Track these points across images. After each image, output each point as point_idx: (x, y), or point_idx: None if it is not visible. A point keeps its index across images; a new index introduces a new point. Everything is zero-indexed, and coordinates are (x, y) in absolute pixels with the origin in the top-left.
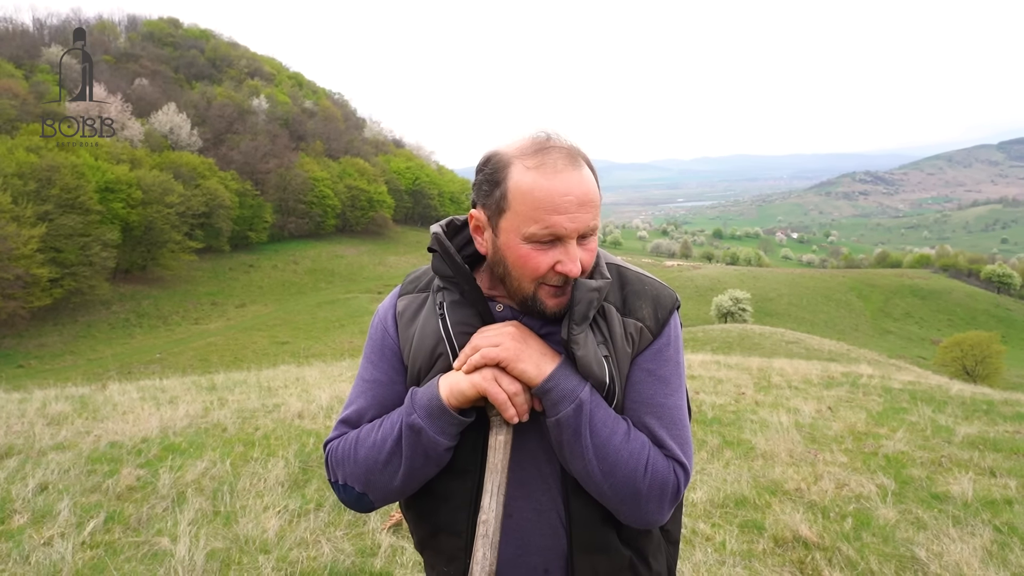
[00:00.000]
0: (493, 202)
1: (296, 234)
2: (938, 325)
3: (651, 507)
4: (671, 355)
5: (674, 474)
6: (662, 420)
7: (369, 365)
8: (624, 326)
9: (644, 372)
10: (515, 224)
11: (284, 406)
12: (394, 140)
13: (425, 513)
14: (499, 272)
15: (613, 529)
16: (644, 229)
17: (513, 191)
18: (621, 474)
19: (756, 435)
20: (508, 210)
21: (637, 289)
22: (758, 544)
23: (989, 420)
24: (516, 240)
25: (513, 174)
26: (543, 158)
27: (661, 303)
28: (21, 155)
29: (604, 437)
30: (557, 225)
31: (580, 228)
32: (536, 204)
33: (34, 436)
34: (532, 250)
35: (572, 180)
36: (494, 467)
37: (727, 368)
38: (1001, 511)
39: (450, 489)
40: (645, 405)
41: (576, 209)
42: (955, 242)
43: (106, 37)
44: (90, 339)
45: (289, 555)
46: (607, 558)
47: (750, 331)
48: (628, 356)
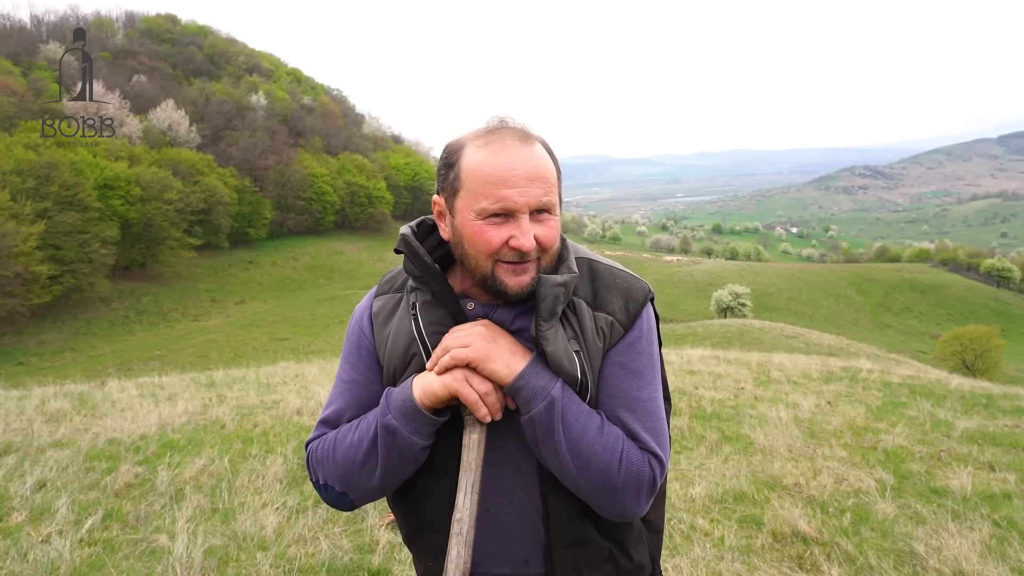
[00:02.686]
0: (449, 184)
1: (295, 231)
2: (937, 319)
3: (628, 500)
4: (643, 348)
5: (649, 466)
6: (636, 413)
7: (347, 366)
8: (595, 320)
9: (616, 366)
10: (468, 201)
11: (283, 403)
12: (393, 136)
13: (409, 510)
14: (459, 254)
15: (591, 522)
16: (643, 224)
17: (465, 170)
18: (596, 468)
19: (755, 430)
20: (462, 189)
21: (608, 283)
22: (757, 539)
23: (988, 414)
24: (470, 217)
25: (465, 155)
26: (492, 137)
27: (632, 296)
28: (20, 152)
29: (577, 432)
30: (506, 198)
31: (530, 202)
32: (485, 179)
33: (32, 433)
34: (485, 225)
35: (520, 155)
36: (468, 465)
37: (726, 363)
38: (1000, 505)
39: (431, 487)
40: (618, 399)
41: (525, 183)
42: (954, 236)
43: (104, 34)
44: (90, 336)
45: (287, 552)
46: (586, 550)
47: (749, 326)
48: (600, 350)
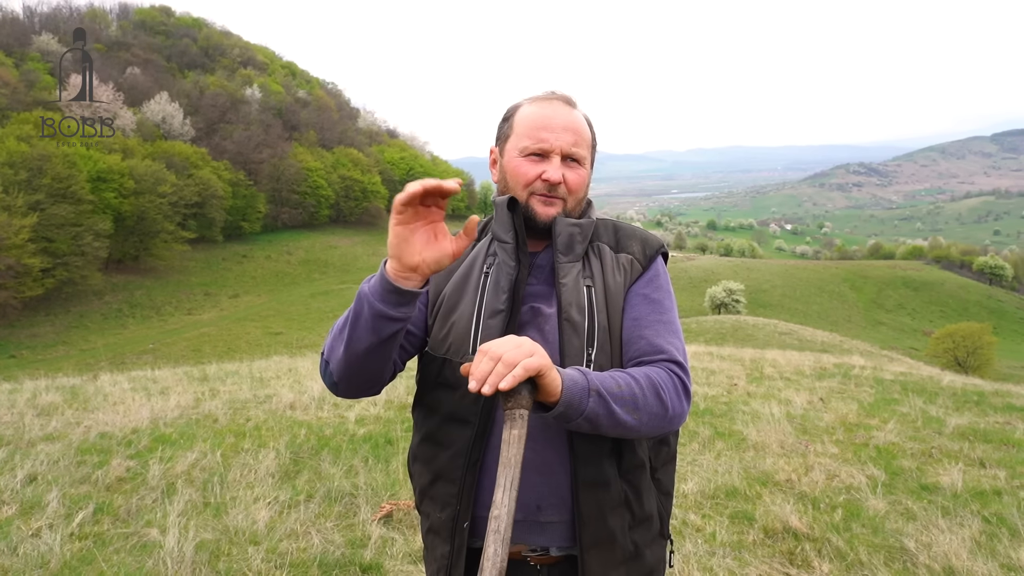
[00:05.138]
0: (503, 133)
1: (289, 224)
2: (930, 316)
3: (678, 411)
4: (661, 283)
5: (675, 375)
6: (657, 330)
7: None
8: (616, 260)
9: (639, 297)
10: (515, 143)
11: (276, 397)
12: (388, 130)
13: (428, 460)
14: (502, 189)
15: (614, 463)
16: (638, 220)
17: (517, 119)
18: (649, 412)
19: (748, 426)
20: (512, 134)
21: (628, 232)
22: (748, 535)
23: (980, 411)
24: (514, 155)
25: (519, 111)
26: (543, 99)
27: (649, 243)
28: (12, 144)
29: (625, 399)
30: (544, 140)
31: (563, 146)
32: (531, 123)
33: (24, 427)
34: (525, 161)
35: (561, 111)
36: (507, 461)
37: (720, 359)
38: (990, 502)
39: (451, 437)
40: (642, 321)
41: (560, 131)
42: (948, 234)
43: (97, 25)
44: (82, 329)
45: (279, 546)
46: (607, 492)
47: (743, 322)
48: (621, 285)
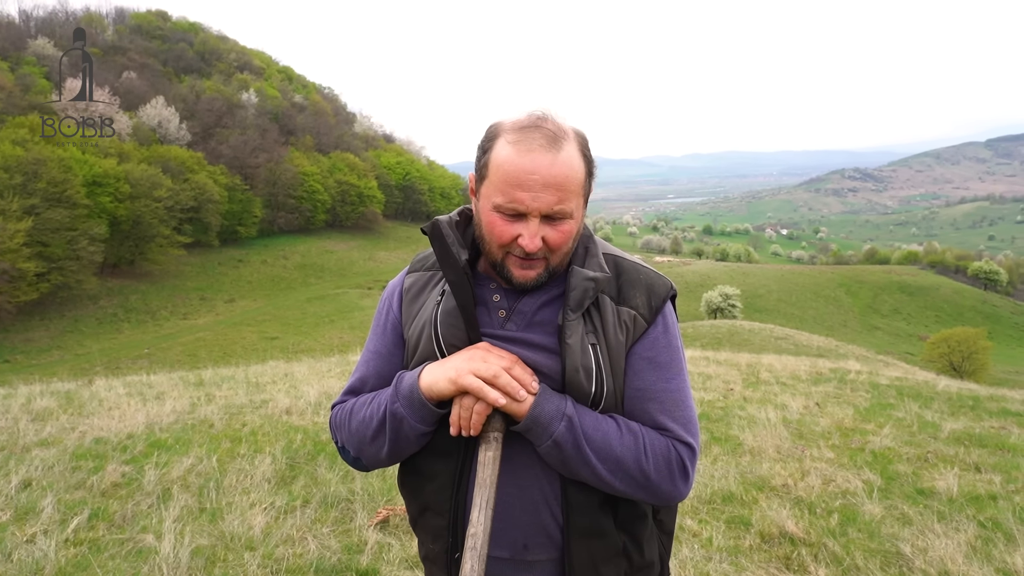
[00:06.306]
0: (480, 168)
1: (286, 229)
2: (925, 321)
3: (663, 486)
4: (668, 341)
5: (674, 450)
6: (663, 404)
7: (373, 336)
8: (618, 315)
9: (643, 360)
10: (489, 192)
11: (272, 402)
12: (384, 135)
13: (414, 492)
14: (478, 235)
15: (610, 513)
16: (634, 225)
17: (492, 161)
18: (626, 467)
19: (744, 431)
20: (486, 178)
21: (632, 279)
22: (745, 540)
23: (975, 416)
24: (488, 207)
25: (496, 146)
26: (524, 135)
27: (655, 292)
28: (7, 148)
29: (600, 439)
30: (519, 201)
31: (542, 208)
32: (505, 177)
33: (18, 432)
34: (499, 219)
35: (543, 161)
36: (483, 482)
37: (716, 364)
38: (986, 507)
39: (435, 469)
40: (646, 392)
41: (540, 189)
42: (943, 239)
43: (94, 30)
44: (77, 334)
45: (275, 552)
46: (603, 543)
47: (739, 327)
48: (623, 344)
